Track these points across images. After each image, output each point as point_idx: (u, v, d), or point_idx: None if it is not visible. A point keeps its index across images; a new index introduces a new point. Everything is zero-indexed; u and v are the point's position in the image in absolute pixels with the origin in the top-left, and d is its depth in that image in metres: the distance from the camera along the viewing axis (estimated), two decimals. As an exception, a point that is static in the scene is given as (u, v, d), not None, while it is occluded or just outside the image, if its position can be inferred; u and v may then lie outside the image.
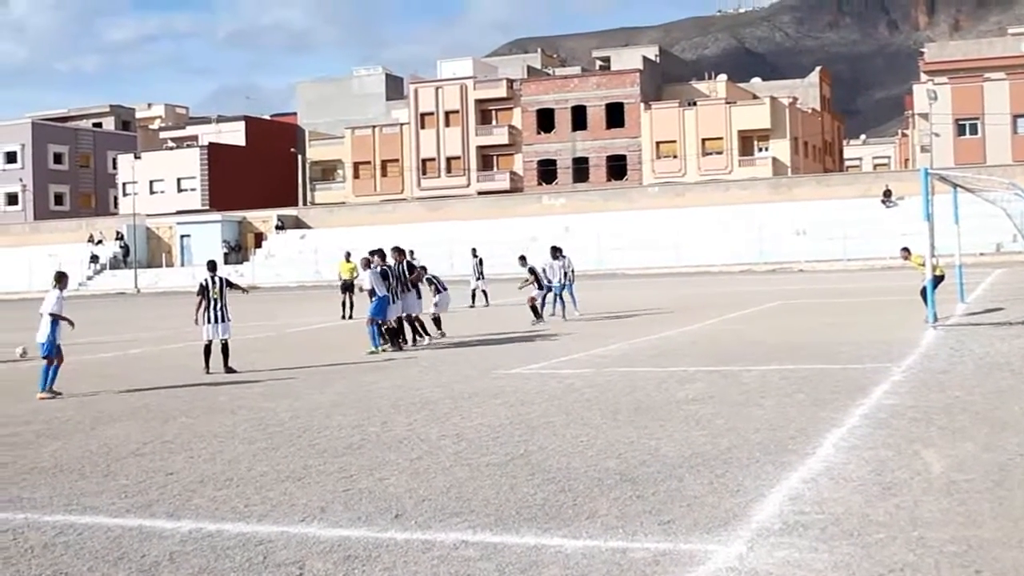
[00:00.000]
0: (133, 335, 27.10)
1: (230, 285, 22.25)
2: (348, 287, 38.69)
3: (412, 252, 34.87)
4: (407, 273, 25.78)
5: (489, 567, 7.73)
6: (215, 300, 21.34)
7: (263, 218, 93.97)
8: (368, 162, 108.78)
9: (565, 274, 32.58)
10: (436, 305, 28.26)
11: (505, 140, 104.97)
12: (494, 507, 9.46)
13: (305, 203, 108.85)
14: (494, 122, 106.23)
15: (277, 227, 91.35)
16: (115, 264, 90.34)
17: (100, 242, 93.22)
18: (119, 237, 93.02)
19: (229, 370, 21.20)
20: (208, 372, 21.13)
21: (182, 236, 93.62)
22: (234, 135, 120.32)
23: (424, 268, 27.36)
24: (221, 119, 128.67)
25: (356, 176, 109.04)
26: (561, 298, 32.37)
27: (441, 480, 10.65)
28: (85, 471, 12.02)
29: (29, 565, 8.36)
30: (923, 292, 24.97)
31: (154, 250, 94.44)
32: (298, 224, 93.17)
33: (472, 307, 39.81)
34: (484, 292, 41.32)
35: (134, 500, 10.46)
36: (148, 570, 8.07)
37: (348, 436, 13.44)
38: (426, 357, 23.28)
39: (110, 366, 20.38)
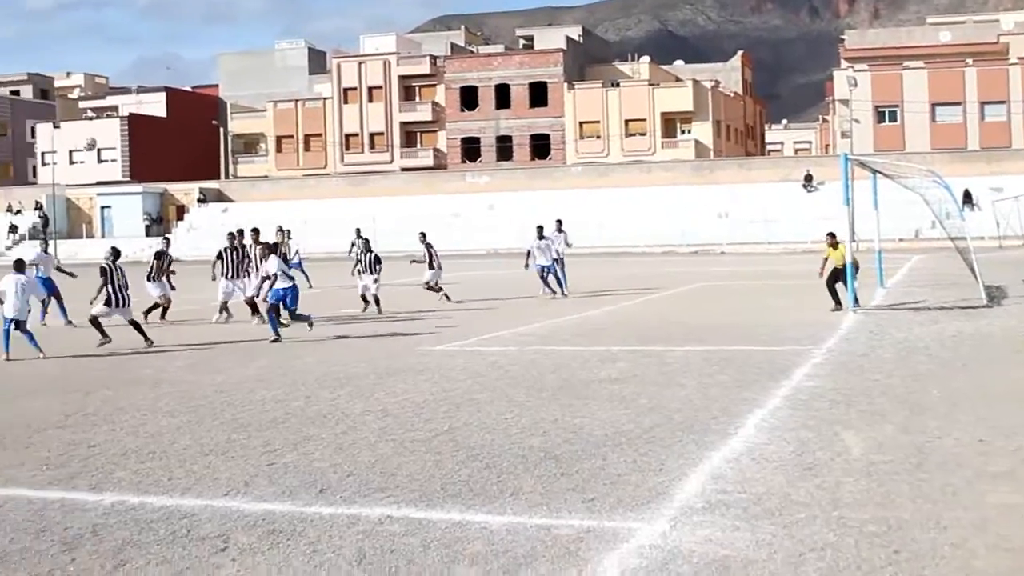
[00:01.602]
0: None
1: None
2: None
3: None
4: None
5: (414, 542, 7.77)
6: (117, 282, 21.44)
7: (185, 190, 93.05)
8: (291, 136, 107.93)
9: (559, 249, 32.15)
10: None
11: (429, 117, 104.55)
12: (419, 483, 9.50)
13: (227, 176, 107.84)
14: (417, 99, 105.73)
15: (199, 200, 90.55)
16: (34, 234, 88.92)
17: (19, 212, 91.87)
18: (38, 207, 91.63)
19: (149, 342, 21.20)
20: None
21: (103, 207, 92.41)
22: (155, 106, 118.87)
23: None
24: (141, 89, 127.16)
25: (279, 150, 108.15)
26: (556, 276, 31.88)
27: (366, 455, 10.67)
28: (6, 442, 11.92)
29: (-52, 536, 8.29)
30: (831, 280, 25.04)
31: (74, 221, 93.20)
32: (220, 197, 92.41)
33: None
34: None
35: (56, 472, 10.39)
36: (71, 542, 8.03)
37: (272, 410, 13.42)
38: (352, 332, 23.21)
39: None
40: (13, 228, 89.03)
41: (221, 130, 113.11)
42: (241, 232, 27.37)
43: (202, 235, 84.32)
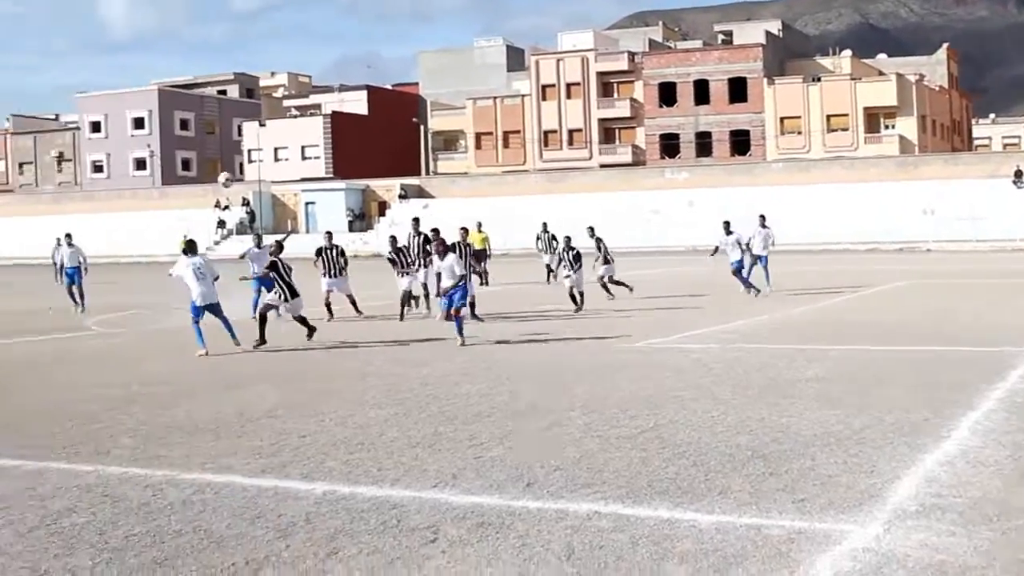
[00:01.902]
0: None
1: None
2: (481, 256, 39.17)
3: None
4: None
5: (622, 538, 7.73)
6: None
7: (386, 187, 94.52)
8: (490, 133, 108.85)
9: (764, 246, 31.66)
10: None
11: (627, 113, 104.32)
12: (625, 479, 9.45)
13: (427, 173, 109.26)
14: (615, 95, 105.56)
15: (401, 196, 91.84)
16: (241, 229, 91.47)
17: (227, 207, 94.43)
18: (245, 203, 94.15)
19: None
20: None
21: (307, 203, 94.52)
22: (356, 104, 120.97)
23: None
24: (343, 88, 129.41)
25: (478, 147, 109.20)
26: (763, 270, 31.42)
27: (571, 451, 10.66)
28: (220, 431, 12.25)
29: (169, 520, 8.55)
30: None
31: (280, 216, 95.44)
32: (421, 193, 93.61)
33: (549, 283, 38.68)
34: (551, 269, 38.00)
35: (268, 461, 10.63)
36: (284, 529, 8.20)
37: (477, 404, 13.52)
38: (550, 330, 23.25)
39: (240, 329, 20.65)
40: (221, 223, 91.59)
41: (421, 127, 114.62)
42: (418, 221, 28.40)
43: (403, 231, 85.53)
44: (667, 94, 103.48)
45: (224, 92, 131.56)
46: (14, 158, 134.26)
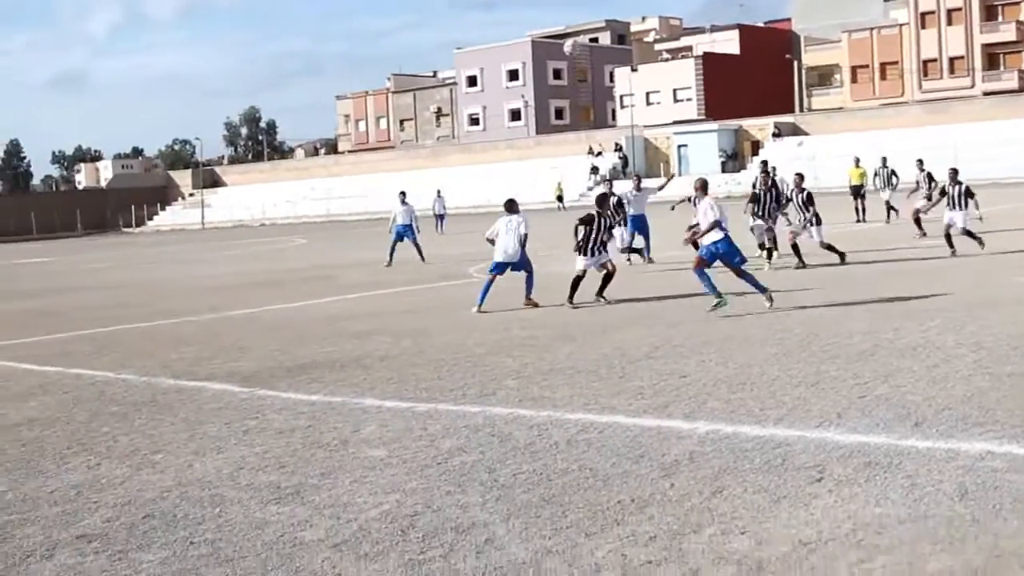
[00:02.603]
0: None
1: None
2: (858, 192, 38.39)
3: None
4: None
5: (1018, 479, 7.42)
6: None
7: (759, 126, 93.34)
8: (866, 65, 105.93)
9: None
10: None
11: (1013, 37, 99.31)
12: (1020, 419, 9.06)
13: (801, 110, 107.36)
14: (1000, 18, 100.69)
15: (774, 135, 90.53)
16: (614, 175, 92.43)
17: (600, 154, 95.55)
18: (618, 148, 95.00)
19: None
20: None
21: (679, 146, 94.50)
22: (728, 44, 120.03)
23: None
24: (715, 28, 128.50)
25: (854, 80, 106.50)
26: None
27: (960, 389, 10.30)
28: (601, 373, 12.45)
29: (555, 459, 8.76)
30: None
31: (652, 160, 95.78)
32: (795, 131, 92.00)
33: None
34: (890, 205, 36.71)
35: (650, 401, 10.73)
36: (668, 468, 8.27)
37: (860, 343, 13.22)
38: (941, 264, 22.46)
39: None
40: (595, 169, 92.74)
41: (795, 64, 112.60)
42: (765, 164, 26.93)
43: (781, 169, 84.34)
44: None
45: (595, 40, 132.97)
46: (395, 115, 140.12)
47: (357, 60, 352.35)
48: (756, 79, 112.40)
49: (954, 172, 25.12)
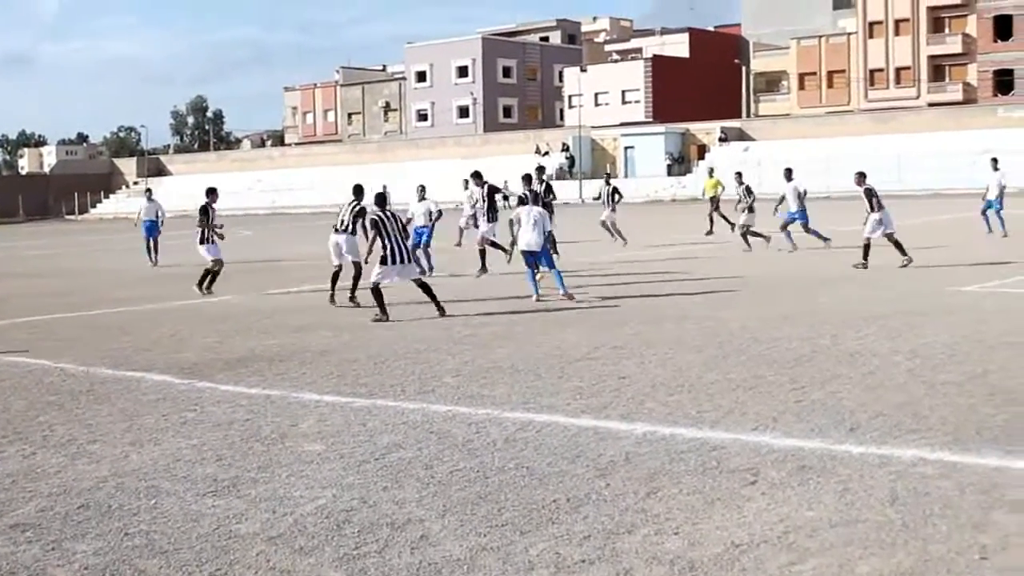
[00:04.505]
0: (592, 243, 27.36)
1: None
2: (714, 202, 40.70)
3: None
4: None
5: (948, 486, 7.53)
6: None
7: (706, 130, 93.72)
8: (813, 73, 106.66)
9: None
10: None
11: (958, 49, 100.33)
12: (952, 426, 9.19)
13: (748, 115, 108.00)
14: (947, 30, 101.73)
15: (720, 139, 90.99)
16: (560, 175, 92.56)
17: (547, 153, 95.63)
18: (565, 148, 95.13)
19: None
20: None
21: (626, 148, 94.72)
22: (677, 47, 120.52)
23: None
24: (665, 31, 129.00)
25: (801, 87, 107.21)
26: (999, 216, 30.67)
27: (895, 396, 10.42)
28: (540, 372, 12.49)
29: (492, 457, 8.80)
30: None
31: (599, 161, 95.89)
32: (741, 136, 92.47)
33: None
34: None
35: (589, 402, 10.78)
36: (604, 468, 8.32)
37: (798, 348, 13.36)
38: (873, 276, 22.68)
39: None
40: (540, 169, 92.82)
41: (743, 69, 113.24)
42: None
43: (721, 174, 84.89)
44: (1003, 28, 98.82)
45: (546, 39, 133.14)
46: (343, 109, 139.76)
47: (307, 51, 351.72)
48: (704, 83, 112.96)
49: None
